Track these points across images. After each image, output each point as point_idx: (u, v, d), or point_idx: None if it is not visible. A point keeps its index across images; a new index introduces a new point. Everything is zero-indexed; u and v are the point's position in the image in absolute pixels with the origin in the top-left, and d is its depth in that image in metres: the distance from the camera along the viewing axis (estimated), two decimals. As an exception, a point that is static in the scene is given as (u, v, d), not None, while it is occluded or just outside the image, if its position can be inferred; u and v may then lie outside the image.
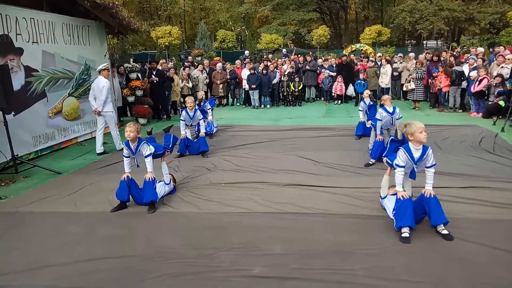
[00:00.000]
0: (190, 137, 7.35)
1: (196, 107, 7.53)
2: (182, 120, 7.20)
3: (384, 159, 4.34)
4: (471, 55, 11.48)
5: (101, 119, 7.70)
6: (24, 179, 6.21)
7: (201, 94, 9.06)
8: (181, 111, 7.53)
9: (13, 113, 6.75)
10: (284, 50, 19.20)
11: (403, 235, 3.63)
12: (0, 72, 5.77)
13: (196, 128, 7.64)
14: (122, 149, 4.86)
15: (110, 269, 3.34)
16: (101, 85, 7.42)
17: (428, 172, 3.79)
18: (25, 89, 7.20)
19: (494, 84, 9.46)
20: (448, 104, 10.93)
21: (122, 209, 4.66)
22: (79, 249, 3.71)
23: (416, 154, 3.75)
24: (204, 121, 7.52)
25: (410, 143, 3.78)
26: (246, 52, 19.60)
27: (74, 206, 4.86)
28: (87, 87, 9.11)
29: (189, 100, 7.22)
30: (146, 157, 4.67)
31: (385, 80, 12.61)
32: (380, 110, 6.19)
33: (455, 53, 15.14)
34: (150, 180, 4.60)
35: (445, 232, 3.63)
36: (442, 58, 12.27)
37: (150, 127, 5.91)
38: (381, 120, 6.15)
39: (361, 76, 12.59)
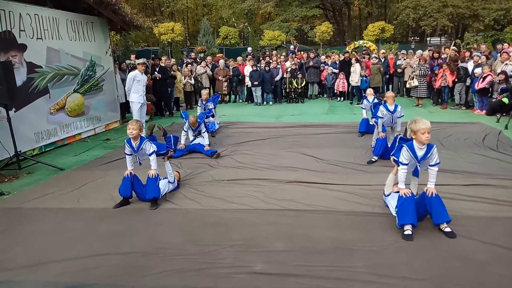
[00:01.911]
0: (190, 137, 7.33)
1: (199, 120, 7.30)
2: (184, 130, 7.17)
3: (392, 157, 4.32)
4: (476, 53, 11.40)
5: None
6: (27, 175, 6.23)
7: (205, 93, 8.98)
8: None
9: (14, 109, 6.76)
10: (292, 46, 19.06)
11: (406, 232, 3.62)
12: (4, 68, 5.77)
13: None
14: None
15: (112, 265, 3.36)
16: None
17: (431, 170, 3.76)
18: (27, 85, 7.20)
19: (498, 81, 9.40)
20: (455, 101, 10.89)
21: (125, 206, 4.67)
22: (81, 245, 3.72)
23: (420, 153, 3.73)
24: (207, 132, 7.35)
25: (414, 141, 3.76)
26: (249, 48, 19.55)
27: (77, 202, 4.88)
28: (92, 83, 9.18)
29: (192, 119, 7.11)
30: (150, 155, 4.67)
31: (354, 79, 12.46)
32: (381, 107, 6.19)
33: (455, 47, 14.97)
34: (153, 177, 4.61)
35: (448, 230, 3.62)
36: (442, 56, 12.23)
37: (150, 128, 5.74)
38: (382, 118, 6.15)
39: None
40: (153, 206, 4.58)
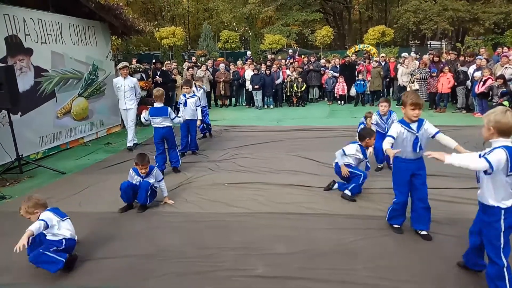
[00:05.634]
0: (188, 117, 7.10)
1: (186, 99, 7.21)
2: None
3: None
4: (478, 56, 11.44)
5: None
6: (28, 179, 6.25)
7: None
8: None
9: (20, 113, 6.80)
10: (290, 51, 19.10)
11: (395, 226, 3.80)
12: (6, 73, 5.79)
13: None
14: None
15: (114, 268, 3.37)
16: None
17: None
18: (34, 89, 7.25)
19: (496, 86, 9.42)
20: (457, 104, 10.91)
21: (129, 209, 4.67)
22: (82, 248, 3.73)
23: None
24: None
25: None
26: (248, 52, 19.62)
27: (78, 206, 4.89)
28: (95, 87, 9.24)
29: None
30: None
31: (404, 79, 12.27)
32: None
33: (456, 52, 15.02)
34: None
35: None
36: (443, 60, 12.26)
37: None
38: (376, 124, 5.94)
39: (360, 76, 12.57)
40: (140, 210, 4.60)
